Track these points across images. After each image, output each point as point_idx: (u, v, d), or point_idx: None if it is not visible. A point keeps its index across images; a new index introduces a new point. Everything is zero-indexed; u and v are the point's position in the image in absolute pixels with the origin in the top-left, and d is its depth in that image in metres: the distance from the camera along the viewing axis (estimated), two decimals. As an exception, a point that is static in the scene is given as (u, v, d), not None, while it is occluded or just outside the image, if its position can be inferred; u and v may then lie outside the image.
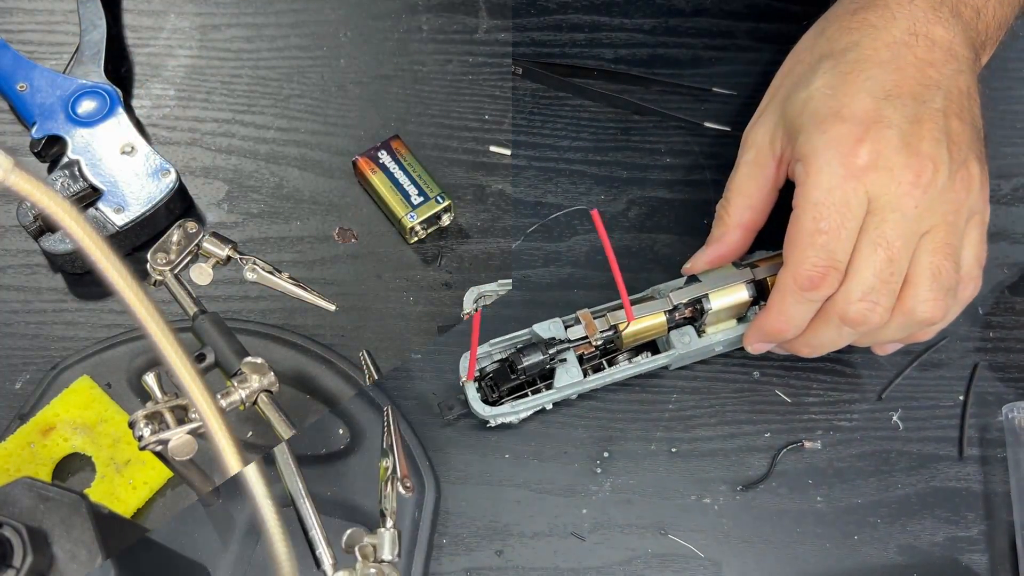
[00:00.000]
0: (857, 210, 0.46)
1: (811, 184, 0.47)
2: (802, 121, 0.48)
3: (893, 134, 0.46)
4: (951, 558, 0.52)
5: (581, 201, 0.60)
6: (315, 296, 0.48)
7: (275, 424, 0.42)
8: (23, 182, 0.28)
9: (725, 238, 0.53)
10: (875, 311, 0.47)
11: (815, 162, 0.47)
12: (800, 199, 0.47)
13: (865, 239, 0.46)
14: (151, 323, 0.31)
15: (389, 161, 0.58)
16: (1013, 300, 0.58)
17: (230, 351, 0.44)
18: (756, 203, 0.52)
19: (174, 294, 0.47)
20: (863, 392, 0.55)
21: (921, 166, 0.46)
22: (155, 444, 0.41)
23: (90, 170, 0.57)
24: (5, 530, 0.32)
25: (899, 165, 0.46)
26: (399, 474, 0.42)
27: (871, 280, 0.46)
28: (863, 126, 0.46)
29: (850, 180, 0.46)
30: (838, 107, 0.47)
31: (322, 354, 0.54)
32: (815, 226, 0.46)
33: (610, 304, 0.53)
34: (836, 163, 0.46)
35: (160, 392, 0.42)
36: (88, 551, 0.33)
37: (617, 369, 0.53)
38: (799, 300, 0.48)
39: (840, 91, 0.48)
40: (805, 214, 0.47)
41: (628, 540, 0.52)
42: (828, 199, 0.46)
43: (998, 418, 0.55)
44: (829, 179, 0.46)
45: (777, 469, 0.53)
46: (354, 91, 0.64)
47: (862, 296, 0.46)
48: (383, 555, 0.41)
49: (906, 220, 0.46)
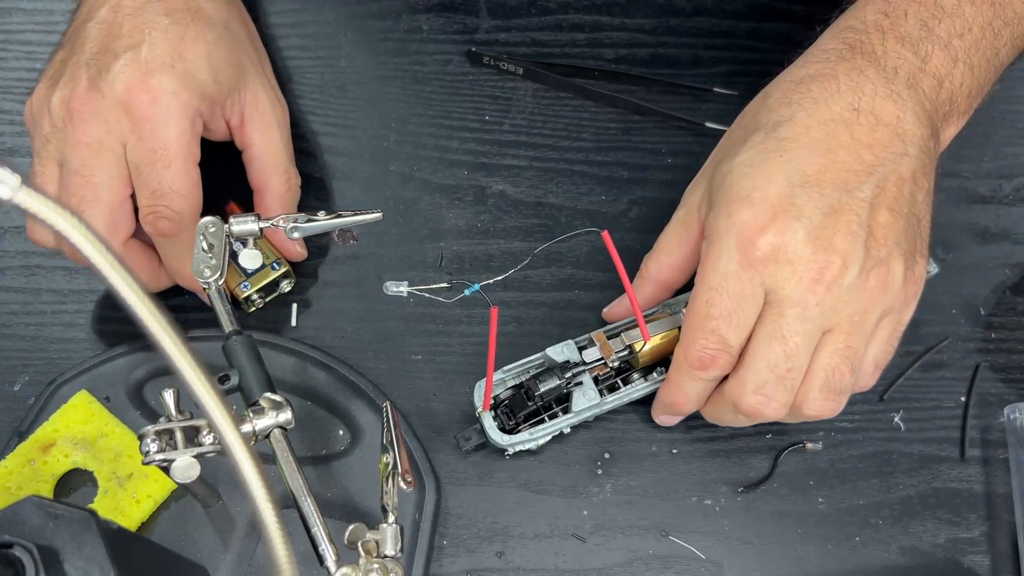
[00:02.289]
0: (752, 300, 0.45)
1: (708, 267, 0.45)
2: (717, 197, 0.47)
3: (800, 226, 0.44)
4: (953, 559, 0.52)
5: (582, 202, 0.60)
6: (360, 215, 0.48)
7: (281, 463, 0.42)
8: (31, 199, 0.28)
9: (641, 290, 0.53)
10: (768, 405, 0.45)
11: (715, 244, 0.45)
12: (698, 279, 0.46)
13: (762, 331, 0.45)
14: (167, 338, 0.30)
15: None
16: (1015, 301, 0.58)
17: (254, 378, 0.44)
18: (677, 262, 0.52)
19: (214, 308, 0.46)
20: (864, 393, 0.55)
21: (827, 261, 0.44)
22: (160, 461, 0.41)
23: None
24: (16, 550, 0.32)
25: (803, 259, 0.44)
26: (400, 469, 0.42)
27: (765, 373, 0.45)
28: (770, 214, 0.44)
29: (746, 270, 0.44)
30: (750, 189, 0.45)
31: (321, 359, 0.54)
32: (707, 310, 0.45)
33: (624, 323, 0.53)
34: (735, 250, 0.44)
35: (175, 410, 0.42)
36: (100, 568, 0.33)
37: (633, 388, 0.52)
38: (692, 378, 0.47)
39: (758, 171, 0.45)
40: (700, 296, 0.46)
41: (629, 541, 0.51)
42: (722, 285, 0.45)
43: (1000, 419, 0.55)
44: (726, 265, 0.45)
45: (778, 470, 0.53)
46: (354, 91, 0.63)
47: (756, 389, 0.45)
48: (386, 550, 0.40)
49: (806, 317, 0.44)
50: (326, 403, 0.53)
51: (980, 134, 0.62)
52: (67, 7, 0.65)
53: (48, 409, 0.51)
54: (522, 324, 0.56)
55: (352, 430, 0.52)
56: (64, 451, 0.50)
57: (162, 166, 0.49)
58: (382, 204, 0.59)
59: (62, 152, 0.49)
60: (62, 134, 0.49)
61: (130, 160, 0.49)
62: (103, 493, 0.49)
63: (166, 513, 0.50)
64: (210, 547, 0.49)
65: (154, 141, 0.49)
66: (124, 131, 0.49)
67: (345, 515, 0.49)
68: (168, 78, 0.49)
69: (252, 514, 0.32)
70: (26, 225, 0.55)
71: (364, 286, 0.57)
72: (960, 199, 0.61)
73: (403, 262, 0.58)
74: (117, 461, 0.50)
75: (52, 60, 0.52)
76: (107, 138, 0.49)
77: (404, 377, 0.55)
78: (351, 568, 0.39)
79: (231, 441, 0.31)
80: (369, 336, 0.56)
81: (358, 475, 0.51)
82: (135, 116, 0.49)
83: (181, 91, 0.49)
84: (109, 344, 0.55)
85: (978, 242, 0.59)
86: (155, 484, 0.50)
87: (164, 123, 0.49)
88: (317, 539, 0.40)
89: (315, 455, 0.52)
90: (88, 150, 0.49)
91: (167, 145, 0.49)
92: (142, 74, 0.49)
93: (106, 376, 0.53)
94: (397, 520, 0.41)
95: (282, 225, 0.47)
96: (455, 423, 0.54)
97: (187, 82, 0.50)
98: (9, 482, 0.49)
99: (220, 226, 0.47)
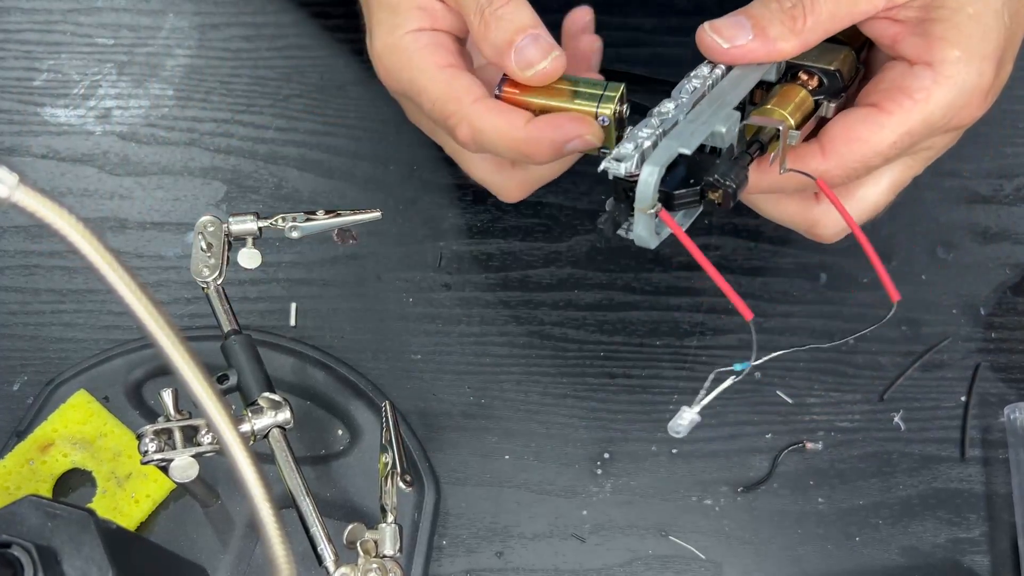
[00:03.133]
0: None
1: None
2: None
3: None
4: (953, 559, 0.51)
5: (582, 201, 0.60)
6: (359, 214, 0.48)
7: (280, 463, 0.42)
8: (29, 199, 0.27)
9: (778, 44, 0.41)
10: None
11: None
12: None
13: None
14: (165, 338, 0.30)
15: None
16: (1015, 301, 0.58)
17: (253, 378, 0.44)
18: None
19: (213, 308, 0.46)
20: (864, 393, 0.55)
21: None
22: (159, 461, 0.41)
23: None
24: (15, 549, 0.32)
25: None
26: (398, 469, 0.42)
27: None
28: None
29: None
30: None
31: (321, 359, 0.54)
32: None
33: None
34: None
35: (173, 410, 0.42)
36: (99, 568, 0.33)
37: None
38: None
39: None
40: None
41: (629, 541, 0.51)
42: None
43: (1000, 419, 0.55)
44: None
45: (778, 470, 0.53)
46: (354, 91, 0.63)
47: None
48: (385, 550, 0.40)
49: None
50: (325, 403, 0.53)
51: (981, 134, 0.61)
52: (65, 7, 0.65)
53: (47, 409, 0.51)
54: (521, 324, 0.56)
55: (351, 430, 0.52)
56: (63, 451, 0.50)
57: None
58: (382, 204, 0.59)
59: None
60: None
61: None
62: (102, 493, 0.49)
63: (165, 513, 0.50)
64: (209, 547, 0.49)
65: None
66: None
67: (344, 515, 0.49)
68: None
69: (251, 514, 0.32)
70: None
71: (364, 286, 0.57)
72: (960, 199, 0.61)
73: (403, 262, 0.58)
74: (116, 461, 0.50)
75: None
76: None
77: (404, 377, 0.55)
78: (350, 568, 0.39)
79: (229, 441, 0.31)
80: (369, 336, 0.56)
81: (357, 475, 0.51)
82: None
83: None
84: (108, 344, 0.55)
85: (978, 242, 0.59)
86: (154, 484, 0.49)
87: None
88: (316, 539, 0.40)
89: (314, 455, 0.52)
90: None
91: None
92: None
93: (105, 376, 0.53)
94: (396, 520, 0.41)
95: (281, 225, 0.47)
96: (455, 423, 0.54)
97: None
98: (8, 482, 0.49)
99: (219, 225, 0.47)
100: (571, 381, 0.55)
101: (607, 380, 0.55)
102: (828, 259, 0.58)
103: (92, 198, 0.59)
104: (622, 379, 0.55)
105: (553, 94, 0.43)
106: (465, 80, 0.43)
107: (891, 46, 0.43)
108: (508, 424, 0.54)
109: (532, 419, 0.54)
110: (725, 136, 0.39)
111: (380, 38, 0.45)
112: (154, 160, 0.61)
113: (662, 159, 0.37)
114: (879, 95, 0.42)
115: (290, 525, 0.34)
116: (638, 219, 0.38)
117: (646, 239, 0.39)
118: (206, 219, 0.47)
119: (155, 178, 0.60)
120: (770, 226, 0.52)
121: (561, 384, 0.55)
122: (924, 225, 0.59)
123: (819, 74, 0.43)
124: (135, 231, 0.59)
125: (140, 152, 0.61)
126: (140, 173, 0.60)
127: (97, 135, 0.61)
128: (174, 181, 0.60)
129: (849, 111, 0.43)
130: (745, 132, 0.41)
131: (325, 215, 0.48)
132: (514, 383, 0.55)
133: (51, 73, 0.63)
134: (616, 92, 0.44)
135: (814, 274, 0.58)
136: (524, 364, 0.56)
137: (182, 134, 0.62)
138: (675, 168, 0.38)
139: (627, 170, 0.37)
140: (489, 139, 0.42)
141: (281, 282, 0.57)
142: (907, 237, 0.59)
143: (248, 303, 0.56)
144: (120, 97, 0.63)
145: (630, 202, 0.37)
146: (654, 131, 0.38)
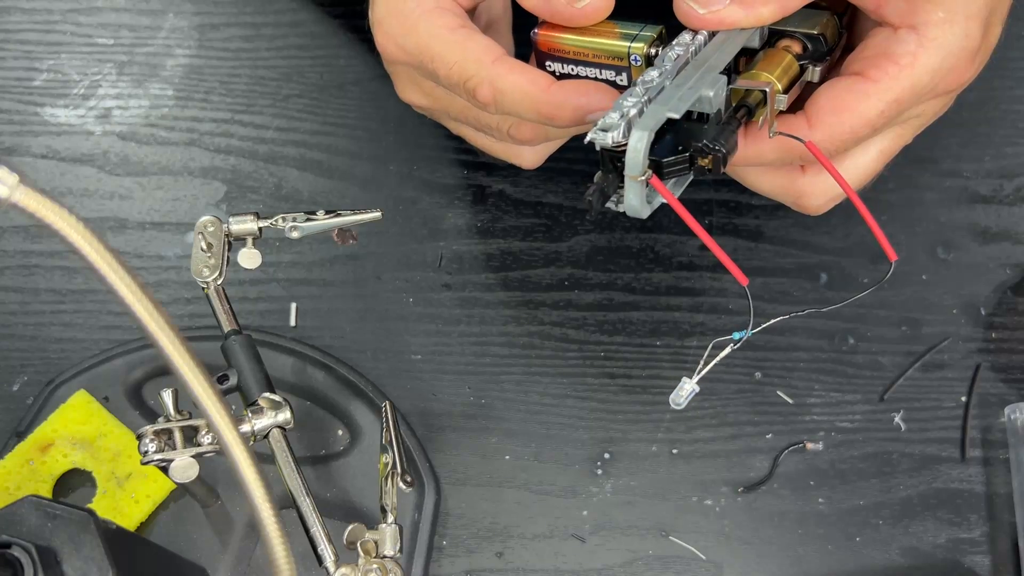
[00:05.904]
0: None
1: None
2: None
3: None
4: (953, 560, 0.51)
5: (582, 201, 0.60)
6: (359, 214, 0.48)
7: (280, 463, 0.42)
8: (29, 199, 0.27)
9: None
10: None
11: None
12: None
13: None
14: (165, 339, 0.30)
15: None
16: (1016, 301, 0.58)
17: (253, 378, 0.43)
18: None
19: (213, 308, 0.46)
20: (865, 393, 0.55)
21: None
22: (159, 461, 0.41)
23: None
24: (14, 550, 0.32)
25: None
26: (398, 469, 0.42)
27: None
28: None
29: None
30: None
31: (321, 359, 0.54)
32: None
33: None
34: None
35: (173, 410, 0.42)
36: (99, 568, 0.33)
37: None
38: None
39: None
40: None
41: (629, 542, 0.51)
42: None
43: (1000, 419, 0.55)
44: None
45: (778, 470, 0.53)
46: (354, 91, 0.63)
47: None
48: (385, 551, 0.40)
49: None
50: (325, 403, 0.53)
51: (981, 134, 0.61)
52: (65, 7, 0.65)
53: (46, 409, 0.51)
54: (521, 324, 0.56)
55: (351, 430, 0.52)
56: (63, 451, 0.50)
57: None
58: (382, 204, 0.59)
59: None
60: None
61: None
62: (102, 493, 0.49)
63: (165, 513, 0.50)
64: (209, 547, 0.49)
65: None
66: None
67: (344, 515, 0.49)
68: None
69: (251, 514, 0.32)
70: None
71: (364, 286, 0.57)
72: (960, 199, 0.60)
73: (402, 262, 0.58)
74: (116, 461, 0.50)
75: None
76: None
77: (404, 377, 0.55)
78: (350, 568, 0.39)
79: (230, 441, 0.31)
80: (369, 336, 0.56)
81: (357, 475, 0.51)
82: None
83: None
84: (108, 344, 0.55)
85: (979, 242, 0.59)
86: (154, 484, 0.49)
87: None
88: (316, 539, 0.40)
89: (314, 455, 0.52)
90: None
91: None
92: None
93: (105, 376, 0.53)
94: (396, 520, 0.41)
95: (281, 225, 0.47)
96: (455, 423, 0.54)
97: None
98: (7, 482, 0.49)
99: (219, 226, 0.47)
100: (571, 381, 0.55)
101: (607, 380, 0.55)
102: (828, 259, 0.58)
103: (92, 198, 0.59)
104: (622, 379, 0.55)
105: (588, 33, 0.42)
106: (482, 41, 0.42)
107: (875, 10, 0.42)
108: (508, 424, 0.54)
109: (532, 419, 0.54)
110: (713, 100, 0.38)
111: (383, 3, 0.44)
112: (154, 160, 0.61)
113: (650, 124, 0.36)
114: (864, 63, 0.41)
115: (290, 525, 0.34)
116: (628, 188, 0.37)
117: (637, 208, 0.38)
118: (206, 219, 0.47)
119: (155, 178, 0.60)
120: (770, 226, 0.52)
121: (561, 384, 0.55)
122: (924, 225, 0.59)
123: (802, 39, 0.43)
124: (135, 231, 0.59)
125: (140, 152, 0.61)
126: (140, 173, 0.60)
127: (97, 135, 0.61)
128: (174, 181, 0.60)
129: (834, 80, 0.42)
130: (732, 98, 0.40)
131: (325, 215, 0.48)
132: (514, 383, 0.55)
133: (51, 73, 0.63)
134: (654, 32, 0.42)
135: (814, 274, 0.58)
136: (524, 364, 0.56)
137: (182, 134, 0.62)
138: (663, 137, 0.37)
139: (614, 140, 0.36)
140: (511, 100, 0.41)
141: (281, 282, 0.57)
142: (907, 237, 0.59)
143: (248, 303, 0.56)
144: (120, 97, 0.63)
145: (619, 172, 0.37)
146: (639, 99, 0.38)
